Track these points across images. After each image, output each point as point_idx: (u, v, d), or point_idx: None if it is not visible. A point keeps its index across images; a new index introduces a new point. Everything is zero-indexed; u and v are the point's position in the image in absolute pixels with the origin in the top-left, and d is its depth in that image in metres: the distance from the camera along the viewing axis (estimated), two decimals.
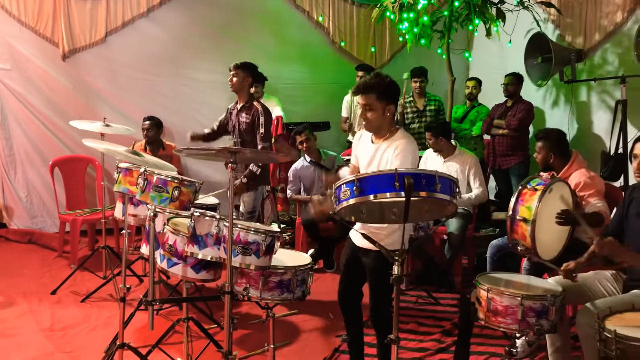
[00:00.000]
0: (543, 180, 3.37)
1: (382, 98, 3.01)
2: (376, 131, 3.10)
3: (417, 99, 6.43)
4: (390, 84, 3.05)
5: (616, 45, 5.65)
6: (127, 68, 6.46)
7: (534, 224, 3.16)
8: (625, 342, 2.25)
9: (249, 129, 4.58)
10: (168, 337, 3.71)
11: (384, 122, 3.05)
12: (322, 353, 3.76)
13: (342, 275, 3.34)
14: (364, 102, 3.03)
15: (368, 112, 3.03)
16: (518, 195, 3.31)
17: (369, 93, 3.00)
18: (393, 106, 3.05)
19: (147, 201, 2.87)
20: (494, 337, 3.88)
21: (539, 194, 3.20)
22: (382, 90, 3.01)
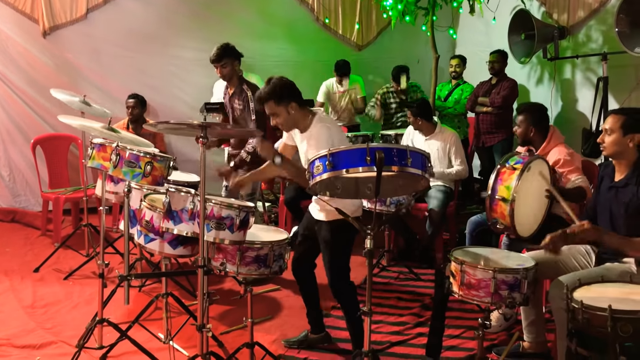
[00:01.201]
0: (521, 158, 3.38)
1: (280, 101, 3.12)
2: (295, 127, 3.23)
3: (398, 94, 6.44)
4: (280, 85, 3.15)
5: (600, 23, 5.65)
6: (109, 45, 6.40)
7: (513, 203, 3.18)
8: (591, 312, 2.30)
9: (243, 116, 4.54)
10: (150, 314, 3.74)
11: (296, 119, 3.18)
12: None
13: (297, 246, 3.46)
14: (268, 111, 3.16)
15: (276, 118, 3.16)
16: (497, 174, 3.32)
17: (267, 102, 3.13)
18: (294, 103, 3.15)
19: (119, 176, 2.87)
20: (471, 311, 3.94)
21: (518, 173, 3.21)
22: (276, 94, 3.11)
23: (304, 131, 3.21)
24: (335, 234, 3.10)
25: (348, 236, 3.13)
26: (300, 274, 3.47)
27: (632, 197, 2.88)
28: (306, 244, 3.40)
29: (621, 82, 5.23)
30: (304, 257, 3.44)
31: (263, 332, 3.71)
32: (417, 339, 3.67)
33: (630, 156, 2.96)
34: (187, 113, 6.60)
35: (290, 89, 3.17)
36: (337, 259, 3.17)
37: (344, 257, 2.62)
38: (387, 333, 3.73)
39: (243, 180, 3.44)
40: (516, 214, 3.20)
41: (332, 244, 3.14)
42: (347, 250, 3.21)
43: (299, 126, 3.21)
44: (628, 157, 2.97)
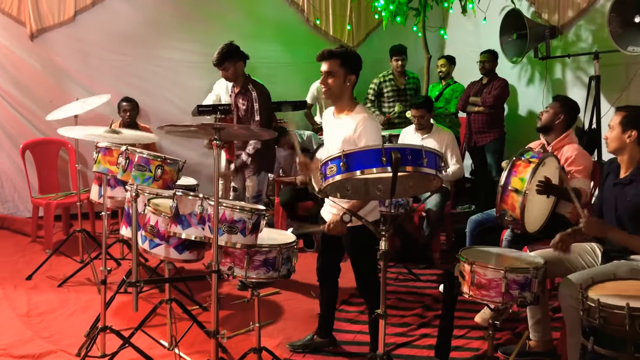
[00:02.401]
0: (536, 153, 3.38)
1: (346, 66, 3.01)
2: (336, 100, 3.12)
3: (398, 77, 6.38)
4: (355, 55, 3.09)
5: (590, 22, 5.72)
6: (98, 48, 6.30)
7: (526, 195, 3.18)
8: (608, 310, 2.29)
9: (247, 116, 4.49)
10: (149, 320, 3.67)
11: (344, 92, 3.07)
12: (305, 331, 3.75)
13: (320, 254, 3.41)
14: (326, 68, 3.03)
15: (329, 78, 3.03)
16: (512, 166, 3.31)
17: (333, 58, 3.01)
18: (354, 77, 3.06)
19: (129, 180, 2.81)
20: (474, 311, 3.92)
21: (533, 167, 3.21)
22: (347, 58, 3.02)
23: (342, 112, 3.10)
24: (358, 238, 3.04)
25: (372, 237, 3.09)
26: (327, 281, 3.43)
27: (636, 194, 2.89)
28: (329, 251, 3.34)
29: (613, 81, 5.29)
30: (328, 264, 3.38)
31: (266, 337, 3.66)
32: (422, 340, 3.66)
33: (632, 152, 2.99)
34: (178, 115, 6.53)
35: (359, 63, 3.09)
36: (364, 262, 3.13)
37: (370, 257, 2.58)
38: (392, 335, 3.70)
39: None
40: (527, 207, 3.20)
41: (358, 248, 3.09)
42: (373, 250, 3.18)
43: (340, 102, 3.10)
44: (629, 154, 3.00)
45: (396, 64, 6.28)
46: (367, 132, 2.95)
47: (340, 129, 3.06)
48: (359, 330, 3.76)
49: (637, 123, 2.96)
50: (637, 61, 5.04)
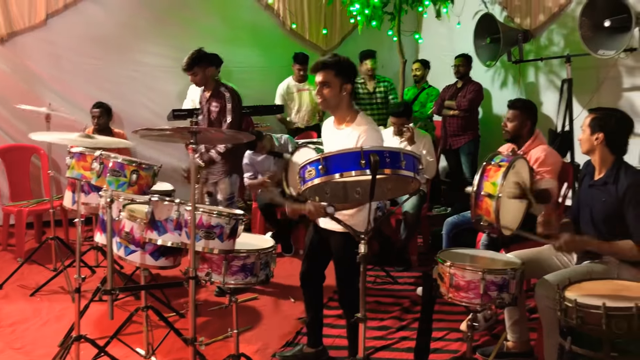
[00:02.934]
0: (505, 157, 3.41)
1: (341, 75, 2.97)
2: (334, 110, 3.07)
3: (368, 81, 6.44)
4: (349, 63, 3.03)
5: (561, 26, 5.81)
6: (70, 52, 6.20)
7: (499, 199, 3.20)
8: (585, 310, 2.32)
9: (219, 118, 4.46)
10: (125, 328, 3.60)
11: (341, 102, 3.02)
12: (284, 337, 3.74)
13: (305, 257, 3.34)
14: (321, 79, 2.98)
15: (325, 89, 2.98)
16: (483, 171, 3.33)
17: (327, 69, 2.96)
18: (350, 86, 3.02)
19: (103, 186, 2.76)
20: (452, 313, 3.96)
21: (504, 170, 3.23)
22: (341, 67, 2.97)
23: (343, 122, 3.05)
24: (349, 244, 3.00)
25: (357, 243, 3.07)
26: (310, 287, 3.36)
27: (610, 196, 2.94)
28: (315, 256, 3.28)
29: (584, 84, 5.38)
30: (313, 269, 3.32)
31: (245, 343, 3.62)
32: (401, 343, 3.66)
33: (603, 154, 3.01)
34: (152, 120, 6.46)
35: (354, 72, 3.04)
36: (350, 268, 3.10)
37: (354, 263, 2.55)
38: (371, 338, 3.69)
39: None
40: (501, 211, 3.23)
41: (346, 254, 3.05)
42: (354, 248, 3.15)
43: (339, 112, 3.04)
44: (600, 155, 3.02)
45: (365, 67, 6.32)
46: (369, 143, 2.90)
47: (343, 140, 3.00)
48: (338, 334, 3.74)
49: (603, 125, 2.98)
50: (608, 64, 5.13)
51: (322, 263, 3.30)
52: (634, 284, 2.60)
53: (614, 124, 2.99)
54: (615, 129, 2.99)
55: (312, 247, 3.27)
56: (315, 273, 3.32)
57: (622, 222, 2.88)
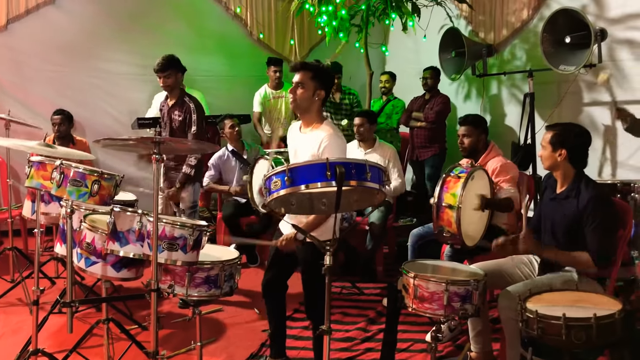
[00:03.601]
0: (464, 168, 3.48)
1: (317, 79, 3.00)
2: (303, 113, 3.08)
3: (334, 92, 6.46)
4: (328, 71, 3.08)
5: (524, 41, 5.94)
6: (32, 58, 6.07)
7: (459, 210, 3.25)
8: (545, 321, 2.36)
9: (182, 127, 4.43)
10: (85, 341, 3.52)
11: (312, 106, 3.04)
12: (248, 348, 3.70)
13: (269, 267, 3.31)
14: (297, 79, 3.01)
15: (299, 89, 3.01)
16: (442, 183, 3.39)
17: (305, 70, 3.00)
18: (323, 93, 3.04)
19: (63, 196, 2.70)
20: (417, 324, 3.98)
21: (463, 181, 3.29)
22: (319, 72, 3.01)
23: (309, 126, 3.07)
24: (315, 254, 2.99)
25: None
26: (272, 297, 3.32)
27: (572, 210, 3.00)
28: (279, 266, 3.25)
29: (546, 98, 5.50)
30: (276, 280, 3.29)
31: (208, 356, 3.58)
32: (366, 354, 3.66)
33: (565, 169, 3.08)
34: (115, 128, 6.37)
35: (331, 81, 3.08)
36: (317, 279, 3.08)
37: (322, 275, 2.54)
38: (336, 350, 3.69)
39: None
40: (462, 222, 3.27)
41: (312, 265, 3.04)
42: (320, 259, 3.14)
43: (308, 116, 3.06)
44: (562, 170, 3.09)
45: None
46: (330, 148, 2.91)
47: (307, 145, 3.02)
48: (303, 346, 3.72)
49: (565, 142, 3.04)
50: (568, 79, 5.26)
51: (286, 273, 3.29)
52: (593, 295, 2.65)
53: (574, 139, 3.05)
54: (576, 144, 3.06)
55: (276, 257, 3.24)
56: (278, 283, 3.30)
57: (581, 235, 2.94)
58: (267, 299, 3.35)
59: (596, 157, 5.13)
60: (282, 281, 3.32)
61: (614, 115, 4.19)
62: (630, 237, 3.17)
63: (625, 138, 4.88)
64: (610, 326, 2.32)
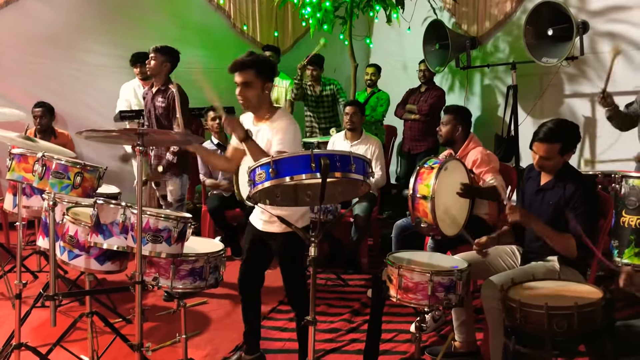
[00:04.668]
0: (439, 159, 3.51)
1: (262, 74, 2.94)
2: (255, 110, 3.05)
3: (315, 85, 6.42)
4: (269, 61, 3.04)
5: (507, 34, 5.98)
6: (12, 49, 5.98)
7: (433, 200, 3.28)
8: (527, 310, 2.38)
9: (165, 114, 4.38)
10: (69, 335, 3.50)
11: (264, 101, 3.01)
12: (234, 341, 3.70)
13: (244, 261, 3.28)
14: (241, 79, 2.93)
15: (247, 90, 2.94)
16: (417, 174, 3.43)
17: (247, 69, 2.92)
18: (270, 84, 3.02)
19: (45, 188, 2.67)
20: (401, 315, 4.00)
21: (435, 172, 3.33)
22: (262, 66, 2.95)
23: (261, 120, 3.03)
24: (291, 244, 3.00)
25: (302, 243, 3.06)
26: (248, 292, 3.30)
27: (559, 198, 3.03)
28: (254, 259, 3.22)
29: (528, 90, 5.55)
30: (252, 273, 3.27)
31: (193, 348, 3.57)
32: (351, 345, 3.68)
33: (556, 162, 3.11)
34: (97, 121, 6.29)
35: (273, 70, 3.01)
36: (296, 269, 3.10)
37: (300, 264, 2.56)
38: (321, 341, 3.70)
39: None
40: (437, 211, 3.30)
41: (290, 255, 3.05)
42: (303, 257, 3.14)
43: (259, 111, 3.02)
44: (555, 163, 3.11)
45: (309, 73, 6.28)
46: (283, 137, 2.92)
47: (260, 137, 3.00)
48: (288, 337, 3.74)
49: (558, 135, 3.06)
50: (550, 72, 5.31)
51: (262, 266, 3.27)
52: (575, 284, 2.69)
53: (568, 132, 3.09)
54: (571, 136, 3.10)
55: (250, 251, 3.21)
56: (254, 275, 3.29)
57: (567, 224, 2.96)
58: (243, 294, 3.32)
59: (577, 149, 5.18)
60: (258, 275, 3.30)
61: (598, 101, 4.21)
62: (611, 227, 3.21)
63: (605, 130, 4.95)
64: (591, 314, 2.35)
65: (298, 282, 3.13)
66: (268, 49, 6.46)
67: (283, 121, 2.98)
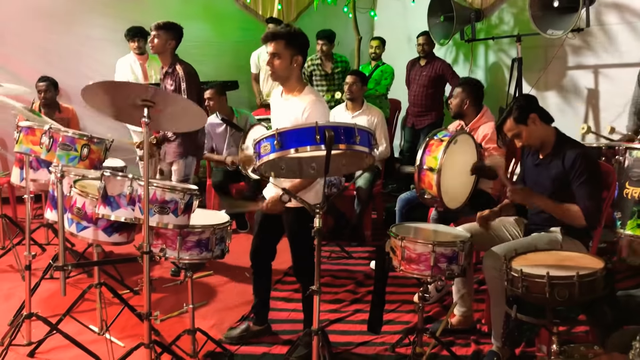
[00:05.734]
0: (449, 132, 3.51)
1: (291, 46, 2.96)
2: (283, 82, 3.07)
3: (325, 62, 6.37)
4: (301, 34, 3.03)
5: (512, 6, 5.93)
6: (14, 24, 5.96)
7: (440, 172, 3.29)
8: (530, 280, 2.41)
9: None
10: (77, 305, 3.56)
11: (292, 73, 3.02)
12: (239, 311, 3.76)
13: (256, 234, 3.32)
14: (272, 50, 2.97)
15: (275, 60, 2.97)
16: (425, 146, 3.42)
17: (278, 39, 2.95)
18: (301, 58, 3.02)
19: (53, 160, 2.70)
20: (404, 286, 4.05)
21: (445, 145, 3.32)
22: (292, 38, 2.96)
23: (291, 92, 3.05)
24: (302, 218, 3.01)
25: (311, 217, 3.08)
26: (260, 265, 3.34)
27: (558, 170, 3.04)
28: (265, 233, 3.26)
29: (533, 63, 5.52)
30: (264, 246, 3.31)
31: (200, 318, 3.62)
32: (355, 315, 3.74)
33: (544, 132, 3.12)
34: None
35: (306, 43, 3.02)
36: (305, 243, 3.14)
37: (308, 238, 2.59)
38: (325, 311, 3.75)
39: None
40: (443, 184, 3.31)
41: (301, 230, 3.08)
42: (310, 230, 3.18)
43: (288, 83, 3.04)
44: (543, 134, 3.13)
45: (319, 48, 6.25)
46: (314, 114, 2.92)
47: (289, 110, 3.01)
48: (293, 308, 3.79)
49: (527, 108, 3.09)
50: (555, 44, 5.28)
51: (273, 239, 3.32)
52: (576, 254, 2.72)
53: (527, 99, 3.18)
54: (532, 101, 3.17)
55: (262, 225, 3.26)
56: (266, 249, 3.33)
57: (569, 195, 2.98)
58: (255, 268, 3.38)
59: (579, 121, 5.19)
60: (270, 248, 3.35)
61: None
62: (614, 198, 3.23)
63: (608, 102, 4.94)
64: (592, 284, 2.38)
65: (305, 256, 3.17)
66: (271, 22, 6.43)
67: (311, 97, 3.00)
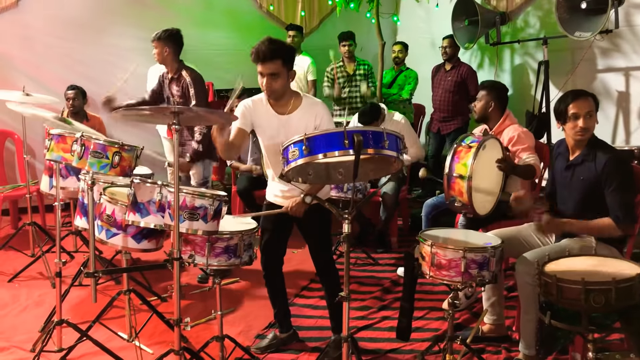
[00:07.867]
0: (476, 138, 3.47)
1: (288, 63, 2.92)
2: (280, 98, 3.00)
3: (347, 63, 6.41)
4: (292, 49, 3.00)
5: (537, 8, 5.86)
6: (44, 35, 6.08)
7: (470, 179, 3.25)
8: (564, 285, 2.36)
9: (182, 102, 4.36)
10: (107, 312, 3.59)
11: (287, 89, 2.99)
12: (267, 318, 3.75)
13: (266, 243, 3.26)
14: (269, 70, 2.85)
15: (274, 81, 2.89)
16: (453, 153, 3.38)
17: (276, 59, 2.84)
18: (294, 71, 3.00)
19: (84, 168, 2.73)
20: (432, 293, 4.02)
21: (474, 151, 3.28)
22: (288, 55, 2.92)
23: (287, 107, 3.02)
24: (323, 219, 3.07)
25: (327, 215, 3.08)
26: (271, 270, 3.32)
27: (589, 173, 2.98)
28: (276, 240, 3.26)
29: (560, 66, 5.44)
30: (275, 253, 3.30)
31: (228, 325, 3.62)
32: (383, 322, 3.71)
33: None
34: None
35: (294, 56, 2.99)
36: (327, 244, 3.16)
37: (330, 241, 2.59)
38: (353, 318, 3.72)
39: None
40: (474, 191, 3.28)
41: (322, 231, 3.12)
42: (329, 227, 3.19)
43: (283, 98, 2.99)
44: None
45: (343, 49, 6.29)
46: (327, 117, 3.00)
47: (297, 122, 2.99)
48: (320, 315, 3.77)
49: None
50: (583, 46, 5.19)
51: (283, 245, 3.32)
52: (611, 259, 2.65)
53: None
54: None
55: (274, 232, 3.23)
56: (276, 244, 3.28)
57: (600, 200, 2.93)
58: (268, 279, 3.34)
59: (610, 124, 5.10)
60: (280, 242, 3.30)
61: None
62: None
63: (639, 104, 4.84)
64: (629, 290, 2.31)
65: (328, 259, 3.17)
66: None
67: (316, 100, 3.02)
